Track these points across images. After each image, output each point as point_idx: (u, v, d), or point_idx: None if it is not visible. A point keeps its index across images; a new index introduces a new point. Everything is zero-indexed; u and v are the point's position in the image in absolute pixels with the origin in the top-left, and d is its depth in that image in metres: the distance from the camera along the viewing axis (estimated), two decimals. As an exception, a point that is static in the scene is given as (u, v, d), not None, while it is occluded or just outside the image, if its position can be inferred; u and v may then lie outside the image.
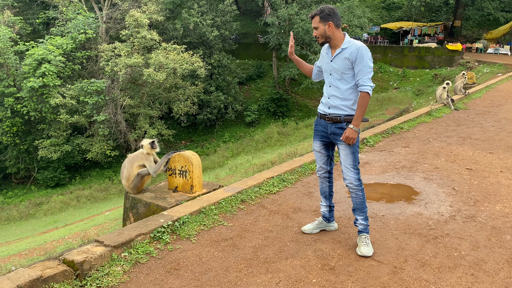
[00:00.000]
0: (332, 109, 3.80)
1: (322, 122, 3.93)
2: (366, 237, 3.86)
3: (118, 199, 18.94)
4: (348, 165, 3.79)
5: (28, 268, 3.23)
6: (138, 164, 5.05)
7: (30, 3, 30.79)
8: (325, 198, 4.17)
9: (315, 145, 4.04)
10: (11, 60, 22.04)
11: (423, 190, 5.43)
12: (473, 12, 31.07)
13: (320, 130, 3.97)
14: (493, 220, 4.48)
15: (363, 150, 7.48)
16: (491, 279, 3.39)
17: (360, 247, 3.84)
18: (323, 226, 4.24)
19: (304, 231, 4.22)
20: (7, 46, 21.94)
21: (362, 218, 3.85)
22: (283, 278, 3.39)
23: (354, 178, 3.78)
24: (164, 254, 3.76)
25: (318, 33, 3.73)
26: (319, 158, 4.06)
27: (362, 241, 3.85)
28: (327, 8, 3.69)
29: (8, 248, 11.78)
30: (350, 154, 3.78)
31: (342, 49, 3.69)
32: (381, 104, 22.05)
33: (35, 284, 3.04)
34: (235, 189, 5.12)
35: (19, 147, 22.97)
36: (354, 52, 3.61)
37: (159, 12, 24.52)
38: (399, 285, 3.30)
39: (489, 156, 6.99)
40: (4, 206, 20.81)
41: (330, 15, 3.65)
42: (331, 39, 3.72)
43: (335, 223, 4.30)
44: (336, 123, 3.80)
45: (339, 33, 3.72)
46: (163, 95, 23.90)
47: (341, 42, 3.72)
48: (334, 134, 3.82)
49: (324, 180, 4.11)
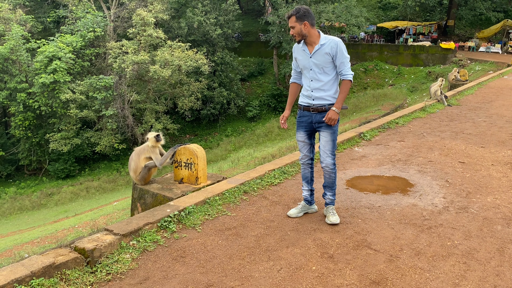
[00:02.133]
0: (316, 100, 4.03)
1: (306, 113, 4.13)
2: (332, 208, 4.26)
3: (125, 190, 19.24)
4: (328, 150, 4.10)
5: (41, 255, 3.27)
6: (144, 156, 5.09)
7: (41, 2, 31.07)
8: (307, 183, 4.38)
9: (299, 135, 4.24)
10: (23, 57, 22.51)
11: (417, 182, 5.49)
12: (466, 12, 31.54)
13: (304, 121, 4.16)
14: (484, 211, 4.55)
15: (360, 144, 7.50)
16: (482, 267, 3.46)
17: (329, 216, 4.22)
18: (306, 209, 4.46)
19: (289, 215, 4.40)
20: (19, 43, 22.44)
21: (331, 194, 4.25)
22: (284, 266, 3.46)
23: (330, 162, 4.12)
24: (170, 243, 3.82)
25: (294, 32, 3.94)
26: (303, 147, 4.27)
27: (329, 211, 4.25)
28: (302, 8, 3.89)
29: (21, 236, 12.13)
30: (330, 141, 4.08)
31: (321, 45, 3.91)
32: (377, 100, 22.40)
33: (48, 271, 3.08)
34: (238, 181, 5.17)
35: (31, 140, 23.36)
36: (334, 48, 3.87)
37: (165, 11, 24.92)
38: (395, 273, 3.35)
39: (481, 150, 7.04)
40: (17, 197, 21.21)
41: (305, 15, 3.87)
42: (307, 37, 3.94)
43: (315, 205, 4.54)
44: (321, 112, 4.03)
45: (314, 31, 3.94)
46: (168, 91, 24.30)
47: (317, 39, 3.94)
48: (319, 123, 4.07)
49: (307, 167, 4.34)
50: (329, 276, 3.32)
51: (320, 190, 5.07)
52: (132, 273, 3.34)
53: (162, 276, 3.33)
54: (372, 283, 3.23)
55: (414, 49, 29.33)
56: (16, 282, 2.89)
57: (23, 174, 24.56)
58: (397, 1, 36.62)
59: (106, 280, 3.24)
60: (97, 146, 22.66)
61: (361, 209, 4.61)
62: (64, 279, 3.14)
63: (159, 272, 3.38)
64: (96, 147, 22.80)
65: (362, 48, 30.92)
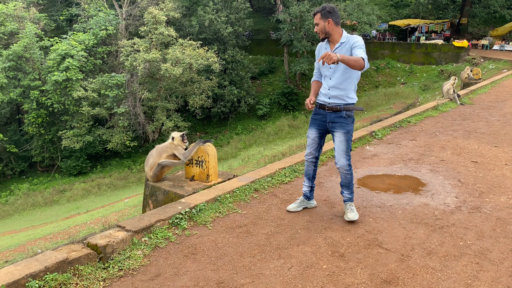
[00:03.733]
0: (332, 99, 4.04)
1: (322, 111, 4.14)
2: (351, 205, 4.23)
3: (136, 187, 19.45)
4: (342, 151, 4.08)
5: (55, 251, 3.30)
6: (166, 154, 5.15)
7: (54, 1, 31.31)
8: (308, 179, 4.44)
9: (311, 132, 4.26)
10: (36, 55, 22.74)
11: (429, 181, 5.45)
12: (480, 10, 31.18)
13: (318, 119, 4.18)
14: (498, 211, 4.50)
15: (372, 142, 7.47)
16: (495, 267, 3.42)
17: (347, 213, 4.21)
18: (305, 204, 4.52)
19: (289, 210, 4.47)
20: (32, 41, 22.67)
21: (348, 192, 4.23)
22: (295, 264, 3.46)
23: (346, 163, 4.10)
24: (182, 239, 3.85)
25: (318, 29, 3.98)
26: (311, 144, 4.29)
27: (348, 208, 4.23)
28: (328, 6, 3.93)
29: (34, 232, 12.33)
30: (344, 142, 4.06)
31: (341, 43, 3.94)
32: (388, 99, 22.26)
33: (61, 266, 3.11)
34: (249, 179, 5.18)
35: (44, 137, 23.61)
36: (352, 43, 3.88)
37: (176, 10, 25.02)
38: (406, 272, 3.33)
39: (494, 150, 6.96)
40: (30, 193, 21.44)
41: (330, 13, 3.91)
42: (331, 35, 3.96)
43: (314, 201, 4.59)
44: (336, 112, 4.03)
45: (338, 29, 3.96)
46: (179, 89, 24.39)
47: (339, 38, 3.97)
48: (333, 123, 4.07)
49: (311, 164, 4.39)
50: (340, 275, 3.32)
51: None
52: (144, 270, 3.37)
53: (174, 272, 3.35)
54: (383, 282, 3.22)
55: (426, 47, 29.09)
56: (30, 277, 2.93)
57: (36, 171, 24.84)
58: (409, -1, 36.34)
59: (118, 276, 3.27)
60: (109, 143, 22.83)
61: (372, 208, 4.60)
62: (77, 275, 3.17)
63: (170, 268, 3.40)
64: (107, 145, 22.98)
65: (373, 46, 30.71)
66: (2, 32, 23.48)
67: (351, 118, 4.08)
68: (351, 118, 4.09)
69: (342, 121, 4.05)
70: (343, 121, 4.05)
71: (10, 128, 25.48)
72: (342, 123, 4.05)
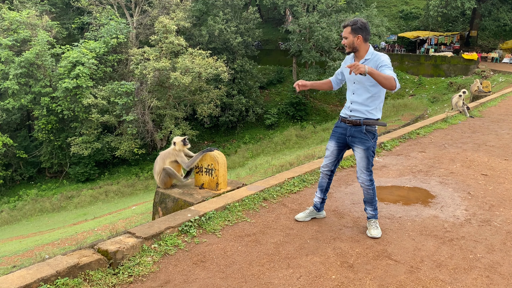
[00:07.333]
0: (353, 112, 3.99)
1: (343, 124, 4.10)
2: (374, 222, 4.18)
3: (144, 194, 19.51)
4: (362, 167, 4.05)
5: (66, 256, 3.33)
6: (170, 160, 5.15)
7: (66, 9, 31.87)
8: (321, 191, 4.40)
9: (330, 144, 4.23)
10: (48, 62, 23.09)
11: (439, 193, 5.42)
12: (490, 23, 31.21)
13: (339, 132, 4.13)
14: (508, 225, 4.47)
15: (381, 154, 7.43)
16: (506, 281, 3.39)
17: (370, 230, 4.15)
18: (314, 214, 4.49)
19: (297, 219, 4.46)
20: (44, 49, 23.03)
21: (371, 209, 4.18)
22: (304, 274, 3.45)
23: (366, 179, 4.06)
24: (191, 247, 3.85)
25: (346, 43, 3.89)
26: (329, 156, 4.26)
27: (371, 225, 4.17)
28: (360, 21, 3.82)
29: (41, 238, 12.31)
30: (364, 158, 4.01)
31: (366, 60, 3.86)
32: (397, 110, 22.15)
33: (72, 271, 3.13)
34: (258, 188, 5.18)
35: (53, 143, 23.87)
36: (376, 61, 3.79)
37: (186, 19, 25.34)
38: (415, 284, 3.32)
39: (504, 163, 6.92)
40: (38, 198, 21.62)
41: (361, 29, 3.82)
42: (358, 50, 3.90)
43: (324, 212, 4.56)
44: (356, 126, 3.98)
45: (366, 46, 3.89)
46: (188, 98, 24.56)
47: (365, 54, 3.89)
48: (353, 137, 4.02)
49: (325, 177, 4.35)
50: (348, 286, 3.31)
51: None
52: (153, 276, 3.38)
53: (183, 280, 3.35)
54: (393, 294, 3.20)
55: (435, 60, 29.09)
56: (42, 281, 2.96)
57: (44, 177, 25.05)
58: (419, 11, 36.41)
59: (128, 282, 3.28)
60: (117, 150, 22.99)
61: (381, 219, 4.57)
62: (88, 280, 3.20)
63: (179, 275, 3.41)
64: (116, 152, 23.14)
65: (382, 58, 30.66)
66: (15, 39, 23.84)
67: (371, 134, 3.99)
68: (371, 133, 3.99)
69: (362, 136, 3.98)
70: (363, 137, 3.98)
71: (20, 134, 25.76)
72: (362, 139, 3.98)
